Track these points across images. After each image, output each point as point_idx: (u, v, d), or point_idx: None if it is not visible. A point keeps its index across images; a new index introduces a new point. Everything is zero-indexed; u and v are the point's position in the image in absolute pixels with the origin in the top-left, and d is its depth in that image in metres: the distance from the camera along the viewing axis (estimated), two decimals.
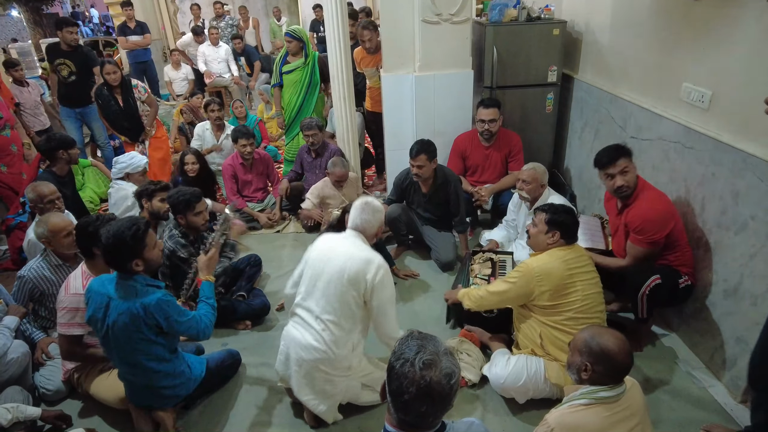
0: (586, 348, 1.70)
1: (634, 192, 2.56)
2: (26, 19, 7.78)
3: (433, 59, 3.80)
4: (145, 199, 3.18)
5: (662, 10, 2.84)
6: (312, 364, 2.15)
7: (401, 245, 3.83)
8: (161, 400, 2.27)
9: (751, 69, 2.21)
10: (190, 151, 4.18)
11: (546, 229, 2.32)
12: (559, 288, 2.22)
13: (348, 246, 2.18)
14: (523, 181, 3.19)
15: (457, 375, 1.23)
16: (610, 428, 1.65)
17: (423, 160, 3.29)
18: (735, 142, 2.31)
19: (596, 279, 2.33)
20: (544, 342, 2.31)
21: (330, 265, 2.13)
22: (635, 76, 3.20)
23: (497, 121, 3.68)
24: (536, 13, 3.89)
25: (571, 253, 2.29)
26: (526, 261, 2.35)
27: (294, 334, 2.21)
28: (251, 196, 4.46)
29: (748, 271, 2.27)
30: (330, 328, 2.13)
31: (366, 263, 2.10)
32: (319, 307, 2.15)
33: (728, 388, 2.42)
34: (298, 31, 4.49)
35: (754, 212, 2.21)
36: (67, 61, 4.84)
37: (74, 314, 2.32)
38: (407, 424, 1.25)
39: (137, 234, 2.02)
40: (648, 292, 2.43)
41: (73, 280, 2.40)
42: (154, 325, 2.07)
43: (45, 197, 3.06)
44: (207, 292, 2.35)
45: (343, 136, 4.28)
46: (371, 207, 2.26)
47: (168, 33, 9.12)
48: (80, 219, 2.45)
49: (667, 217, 2.46)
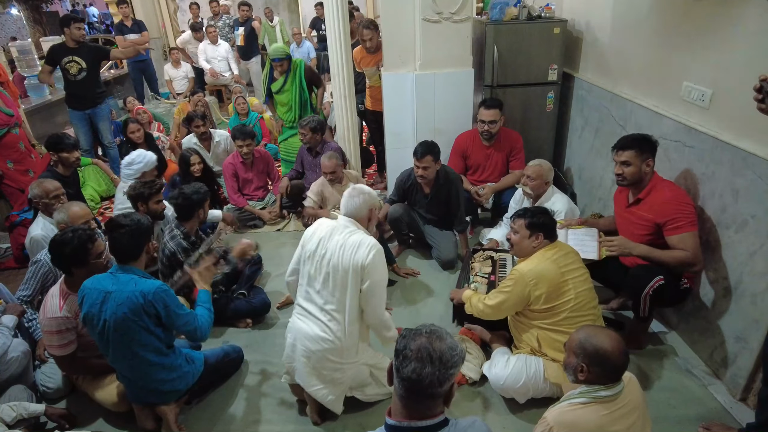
0: (581, 349, 1.70)
1: (647, 187, 2.54)
2: (26, 18, 7.76)
3: (433, 58, 3.81)
4: (141, 203, 3.16)
5: (663, 8, 2.85)
6: (320, 355, 2.17)
7: (402, 244, 3.84)
8: (161, 396, 2.28)
9: (752, 68, 2.21)
10: (193, 152, 4.18)
11: (528, 234, 2.31)
12: (554, 289, 2.22)
13: (340, 234, 2.19)
14: (528, 177, 3.19)
15: (460, 352, 1.28)
16: (609, 425, 1.65)
17: (429, 161, 3.29)
18: (735, 140, 2.32)
19: (586, 275, 2.32)
20: (543, 346, 2.32)
21: (326, 258, 2.16)
22: (636, 74, 3.20)
23: (498, 123, 3.69)
24: (537, 11, 3.90)
25: (558, 252, 2.28)
26: (517, 267, 2.32)
27: (300, 326, 2.23)
28: (252, 195, 4.47)
29: (747, 270, 2.28)
30: (336, 317, 2.16)
31: (358, 246, 2.12)
32: (323, 299, 2.18)
33: (727, 386, 2.43)
34: (280, 50, 4.40)
35: (753, 211, 2.22)
36: (75, 58, 4.72)
37: (53, 337, 2.29)
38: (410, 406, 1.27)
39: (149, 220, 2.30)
40: (651, 292, 2.43)
41: (50, 299, 2.33)
42: (154, 314, 2.10)
43: (50, 193, 3.08)
44: (203, 299, 2.38)
45: (343, 134, 4.28)
46: (356, 190, 2.26)
47: (168, 31, 9.11)
48: (55, 236, 2.33)
49: (687, 196, 2.45)
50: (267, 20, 8.67)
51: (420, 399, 1.26)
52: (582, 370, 1.69)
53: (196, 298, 2.39)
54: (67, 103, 4.99)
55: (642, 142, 2.53)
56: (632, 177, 2.54)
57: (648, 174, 2.55)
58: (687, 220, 2.37)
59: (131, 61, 7.26)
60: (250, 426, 2.40)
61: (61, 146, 3.64)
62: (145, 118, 5.43)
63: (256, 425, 2.41)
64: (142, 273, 2.17)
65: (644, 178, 2.55)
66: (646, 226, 2.51)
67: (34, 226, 3.10)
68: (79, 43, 4.75)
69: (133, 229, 2.15)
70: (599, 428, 1.65)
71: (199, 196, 2.98)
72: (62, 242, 2.26)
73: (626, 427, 1.67)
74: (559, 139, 4.29)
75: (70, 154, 3.67)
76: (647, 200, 2.54)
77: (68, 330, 2.31)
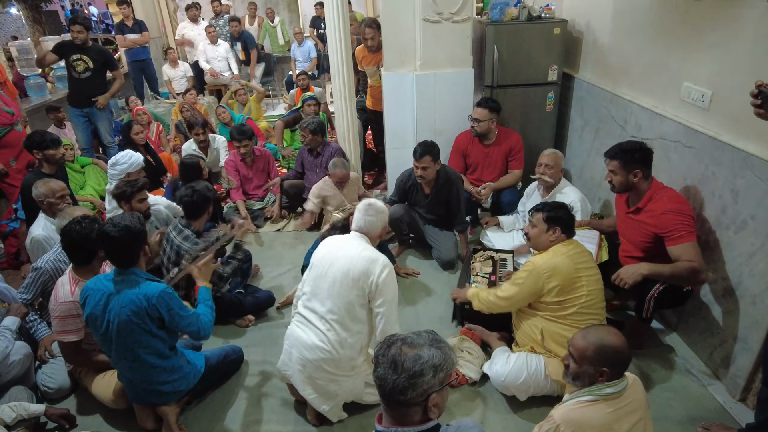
0: (600, 356, 1.69)
1: (645, 196, 2.51)
2: (25, 17, 7.75)
3: (433, 58, 3.81)
4: (124, 202, 3.12)
5: (663, 9, 2.85)
6: (316, 364, 2.16)
7: (402, 244, 3.84)
8: (162, 397, 2.28)
9: (752, 69, 2.22)
10: (199, 157, 4.17)
11: (546, 228, 2.34)
12: (568, 283, 2.23)
13: (352, 247, 2.19)
14: (546, 166, 3.22)
15: (427, 362, 1.25)
16: (614, 423, 1.67)
17: (428, 161, 3.30)
18: (735, 141, 2.32)
19: (599, 275, 2.34)
20: (546, 339, 2.32)
21: (335, 266, 2.15)
22: (635, 75, 3.20)
23: (485, 123, 3.67)
24: (537, 12, 3.90)
25: (574, 248, 2.31)
26: (532, 260, 2.36)
27: (298, 334, 2.22)
28: (252, 194, 4.47)
29: (747, 270, 2.28)
30: (335, 328, 2.15)
31: (371, 263, 2.12)
32: (325, 308, 2.16)
33: (727, 387, 2.43)
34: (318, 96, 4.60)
35: (753, 211, 2.22)
36: (84, 57, 4.74)
37: (66, 322, 2.32)
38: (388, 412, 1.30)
39: (141, 222, 2.19)
40: (657, 294, 2.44)
41: (61, 286, 2.36)
42: (157, 317, 2.10)
43: (56, 192, 3.07)
44: (205, 296, 2.38)
45: (343, 135, 4.29)
46: (374, 208, 2.28)
47: (168, 31, 9.10)
48: (65, 225, 2.38)
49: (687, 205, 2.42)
50: (268, 20, 8.68)
51: (391, 405, 1.28)
52: (603, 374, 1.70)
53: (197, 296, 2.39)
54: (68, 100, 5.02)
55: (628, 154, 2.48)
56: (620, 185, 2.55)
57: (640, 183, 2.51)
58: (687, 231, 2.33)
59: (131, 60, 7.26)
60: (250, 426, 2.41)
61: (45, 144, 3.55)
62: (144, 119, 5.44)
63: (256, 425, 2.41)
64: (145, 275, 2.16)
65: (638, 187, 2.52)
66: (646, 233, 2.50)
67: (35, 226, 3.09)
68: (88, 43, 4.77)
69: (122, 236, 2.07)
70: (605, 426, 1.66)
71: (211, 193, 3.02)
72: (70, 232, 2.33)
73: (630, 426, 1.69)
74: (559, 140, 4.29)
75: (56, 151, 3.61)
76: (647, 209, 2.51)
77: (78, 316, 2.31)
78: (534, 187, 3.43)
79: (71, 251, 2.39)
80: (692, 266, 2.27)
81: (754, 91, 1.68)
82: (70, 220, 2.38)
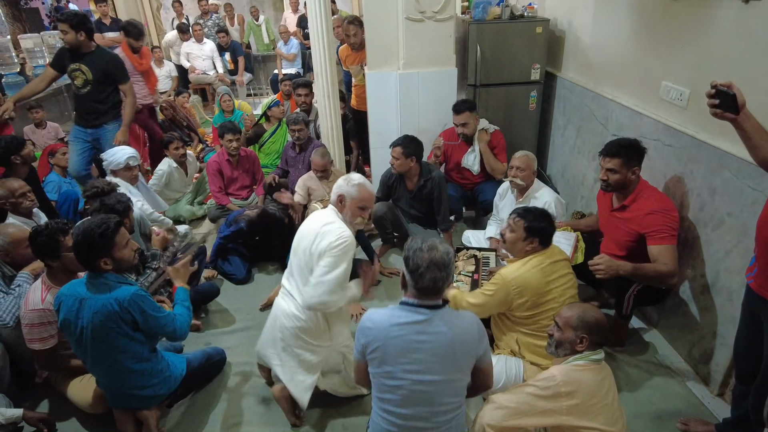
0: (582, 322, 1.81)
1: (632, 194, 2.51)
2: (4, 14, 7.58)
3: (417, 57, 3.81)
4: None
5: (642, 8, 2.88)
6: (292, 332, 2.25)
7: (386, 243, 3.84)
8: (143, 401, 2.25)
9: (728, 68, 2.25)
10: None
11: (524, 236, 2.28)
12: (538, 296, 2.22)
13: (317, 221, 2.23)
14: (518, 168, 3.16)
15: (452, 253, 1.67)
16: (602, 391, 1.77)
17: (397, 153, 3.35)
18: (712, 139, 2.35)
19: (573, 281, 2.32)
20: (522, 349, 2.32)
21: (305, 240, 2.22)
22: (616, 74, 3.23)
23: (471, 124, 3.68)
24: (519, 11, 3.92)
25: (547, 259, 2.26)
26: (502, 272, 2.29)
27: (281, 303, 2.34)
28: (236, 194, 4.42)
29: (724, 267, 2.31)
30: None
31: (323, 235, 2.14)
32: (300, 279, 2.24)
33: (705, 382, 2.47)
34: None
35: (730, 209, 2.25)
36: (82, 67, 3.83)
37: (38, 330, 2.26)
38: (424, 291, 1.64)
39: (106, 233, 2.03)
40: (636, 292, 2.46)
41: (32, 293, 2.30)
42: (131, 320, 2.06)
43: (16, 191, 2.98)
44: (182, 296, 2.37)
45: (327, 133, 4.26)
46: (347, 178, 2.29)
47: (151, 29, 8.98)
48: (32, 228, 2.34)
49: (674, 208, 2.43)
50: (253, 19, 8.60)
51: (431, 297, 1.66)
52: (581, 341, 1.81)
53: (175, 297, 2.37)
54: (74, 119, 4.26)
55: (629, 150, 2.46)
56: (616, 184, 2.50)
57: (633, 181, 2.51)
58: (669, 233, 2.36)
59: None
60: (232, 428, 2.39)
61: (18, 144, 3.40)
62: None
63: (237, 427, 2.39)
64: (116, 278, 2.10)
65: (630, 185, 2.51)
66: (629, 233, 2.50)
67: None
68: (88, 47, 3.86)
69: (78, 243, 2.01)
70: (597, 391, 1.76)
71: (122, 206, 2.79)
72: (36, 233, 2.29)
73: (612, 399, 1.79)
74: (541, 138, 4.32)
75: (28, 148, 3.50)
76: (632, 207, 2.50)
77: (50, 323, 2.26)
78: (507, 187, 3.40)
79: (41, 255, 2.34)
80: (665, 270, 2.34)
81: (710, 92, 1.70)
82: (35, 228, 2.33)
